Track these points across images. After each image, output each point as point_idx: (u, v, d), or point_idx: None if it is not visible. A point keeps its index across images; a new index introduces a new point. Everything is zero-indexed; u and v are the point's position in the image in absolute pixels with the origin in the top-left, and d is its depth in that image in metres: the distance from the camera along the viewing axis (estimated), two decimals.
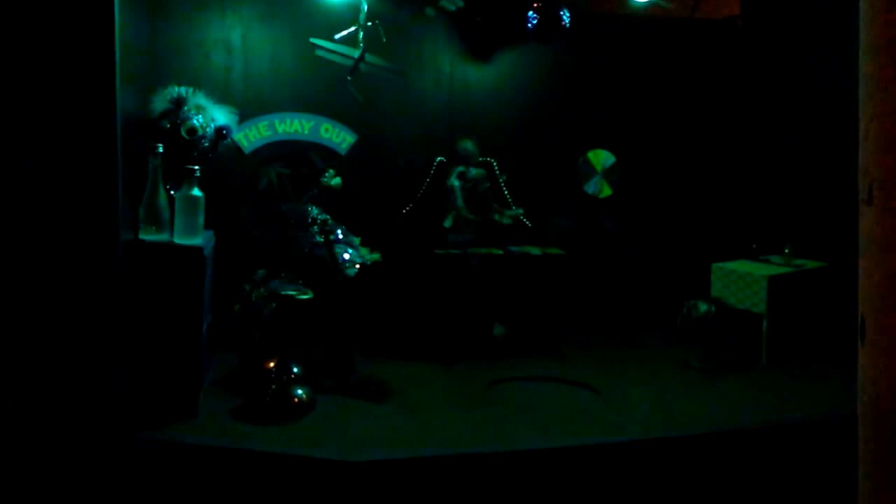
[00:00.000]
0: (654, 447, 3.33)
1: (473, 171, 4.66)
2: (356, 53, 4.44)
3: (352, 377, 3.92)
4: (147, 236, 3.35)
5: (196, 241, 3.42)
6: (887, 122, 1.22)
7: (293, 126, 4.66)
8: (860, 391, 1.30)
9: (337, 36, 4.44)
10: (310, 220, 4.13)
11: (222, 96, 4.06)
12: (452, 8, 4.54)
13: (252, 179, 4.33)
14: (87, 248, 2.97)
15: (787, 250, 4.69)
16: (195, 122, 3.67)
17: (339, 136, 4.73)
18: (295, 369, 3.61)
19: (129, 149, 3.17)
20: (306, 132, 4.68)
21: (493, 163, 4.76)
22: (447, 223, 4.61)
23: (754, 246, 4.79)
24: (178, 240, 3.39)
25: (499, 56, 5.04)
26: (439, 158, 4.68)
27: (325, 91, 4.66)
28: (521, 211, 4.72)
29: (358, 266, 3.98)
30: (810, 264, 4.68)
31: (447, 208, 4.64)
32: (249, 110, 4.51)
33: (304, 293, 3.77)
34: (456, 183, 4.62)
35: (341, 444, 3.20)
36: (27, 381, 2.95)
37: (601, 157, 5.17)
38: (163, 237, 3.38)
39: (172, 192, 3.46)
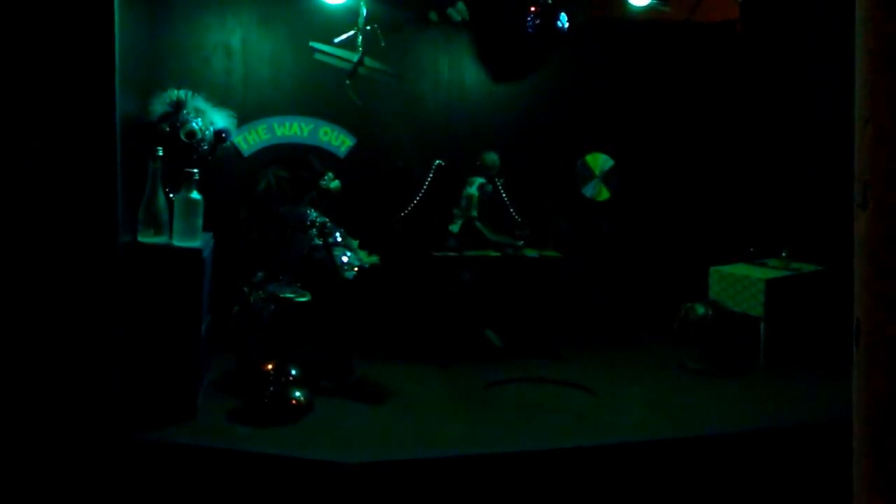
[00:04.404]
0: (650, 449, 3.34)
1: (490, 187, 4.69)
2: (355, 57, 4.45)
3: (350, 379, 3.92)
4: (146, 238, 3.35)
5: (195, 243, 3.43)
6: (882, 126, 1.23)
7: (292, 129, 4.66)
8: (855, 393, 1.30)
9: (336, 40, 4.45)
10: (308, 223, 4.13)
11: (221, 99, 4.07)
12: (458, 18, 4.53)
13: (251, 182, 4.33)
14: (86, 249, 2.98)
15: (784, 254, 4.69)
16: (194, 125, 3.68)
17: (338, 140, 4.74)
18: (293, 371, 3.61)
19: (129, 151, 3.17)
20: (305, 135, 4.69)
21: None
22: (454, 228, 4.61)
23: (752, 249, 4.80)
24: (176, 242, 3.40)
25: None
26: (437, 162, 4.68)
27: (324, 94, 4.67)
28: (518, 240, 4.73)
29: (356, 269, 3.99)
30: (808, 268, 4.69)
31: (456, 214, 4.65)
32: (248, 113, 4.52)
33: (303, 295, 3.78)
34: (475, 193, 4.63)
35: (339, 446, 3.20)
36: (27, 382, 2.96)
37: (599, 161, 5.17)
38: (161, 239, 3.38)
39: (171, 195, 3.47)
